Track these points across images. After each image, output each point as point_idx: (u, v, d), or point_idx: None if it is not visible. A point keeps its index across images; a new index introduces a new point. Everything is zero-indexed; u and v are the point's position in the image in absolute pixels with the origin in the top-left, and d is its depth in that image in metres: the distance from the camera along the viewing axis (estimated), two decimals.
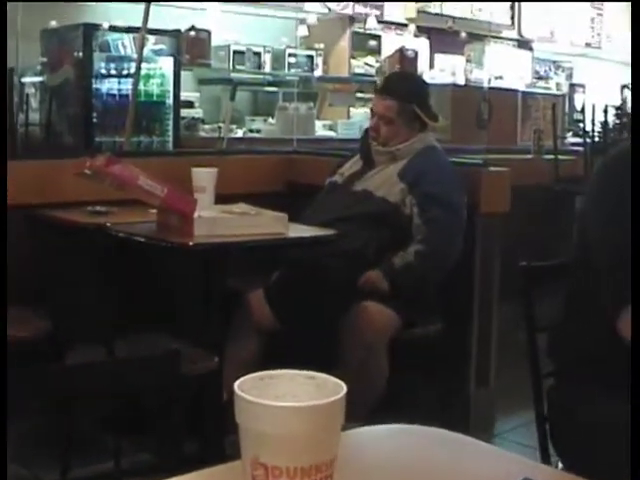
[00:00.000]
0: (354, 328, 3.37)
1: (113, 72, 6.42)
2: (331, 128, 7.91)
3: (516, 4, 9.45)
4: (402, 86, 3.77)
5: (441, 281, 3.59)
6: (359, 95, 8.08)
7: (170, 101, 6.62)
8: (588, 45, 10.42)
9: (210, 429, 3.10)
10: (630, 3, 2.67)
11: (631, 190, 1.76)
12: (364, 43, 8.35)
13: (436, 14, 8.59)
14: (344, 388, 0.94)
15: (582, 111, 7.35)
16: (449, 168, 3.70)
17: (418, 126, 3.71)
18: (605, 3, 10.39)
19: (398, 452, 1.34)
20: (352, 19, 8.18)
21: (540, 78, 10.13)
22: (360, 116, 7.65)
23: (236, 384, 0.94)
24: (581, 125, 6.59)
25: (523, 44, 9.74)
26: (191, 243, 2.91)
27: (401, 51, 8.24)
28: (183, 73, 6.80)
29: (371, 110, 3.84)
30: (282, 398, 0.96)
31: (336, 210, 3.62)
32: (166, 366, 1.60)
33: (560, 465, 2.00)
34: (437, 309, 3.65)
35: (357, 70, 8.25)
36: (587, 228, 1.94)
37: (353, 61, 8.23)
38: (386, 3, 8.28)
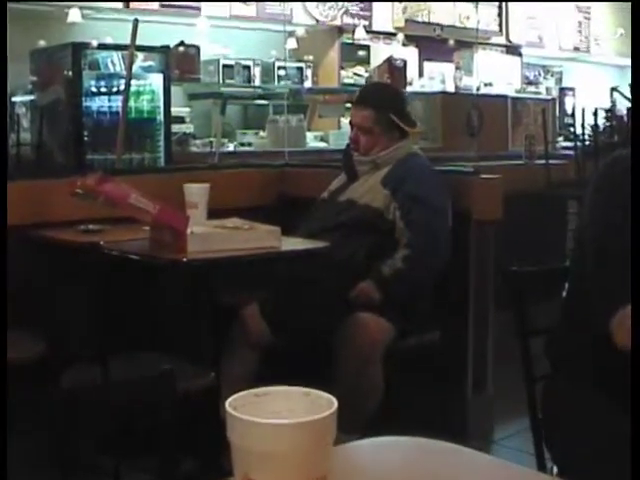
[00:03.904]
0: (349, 340, 3.36)
1: (103, 90, 6.43)
2: (322, 139, 7.92)
3: (503, 11, 9.49)
4: (377, 95, 3.80)
5: (435, 289, 3.59)
6: (349, 105, 8.06)
7: (161, 117, 6.62)
8: (577, 49, 10.47)
9: (208, 446, 3.09)
10: (620, 5, 2.69)
11: (631, 194, 1.77)
12: (353, 53, 8.39)
13: (424, 22, 8.63)
14: (335, 404, 0.94)
15: (572, 115, 7.36)
16: (430, 172, 3.71)
17: (397, 134, 3.72)
18: (592, 6, 10.44)
19: (395, 465, 1.34)
20: (340, 30, 8.21)
21: (530, 83, 10.18)
22: None
23: (228, 401, 0.95)
24: (572, 129, 6.60)
25: (512, 50, 9.78)
26: (185, 259, 2.90)
27: (390, 60, 8.26)
28: (173, 88, 6.80)
29: (350, 123, 3.86)
30: (278, 414, 0.96)
31: (321, 222, 3.63)
32: (161, 386, 1.59)
33: (555, 470, 2.00)
34: (432, 318, 3.65)
35: (346, 80, 8.27)
36: (584, 232, 1.95)
37: (342, 72, 8.26)
38: (374, 13, 8.31)
